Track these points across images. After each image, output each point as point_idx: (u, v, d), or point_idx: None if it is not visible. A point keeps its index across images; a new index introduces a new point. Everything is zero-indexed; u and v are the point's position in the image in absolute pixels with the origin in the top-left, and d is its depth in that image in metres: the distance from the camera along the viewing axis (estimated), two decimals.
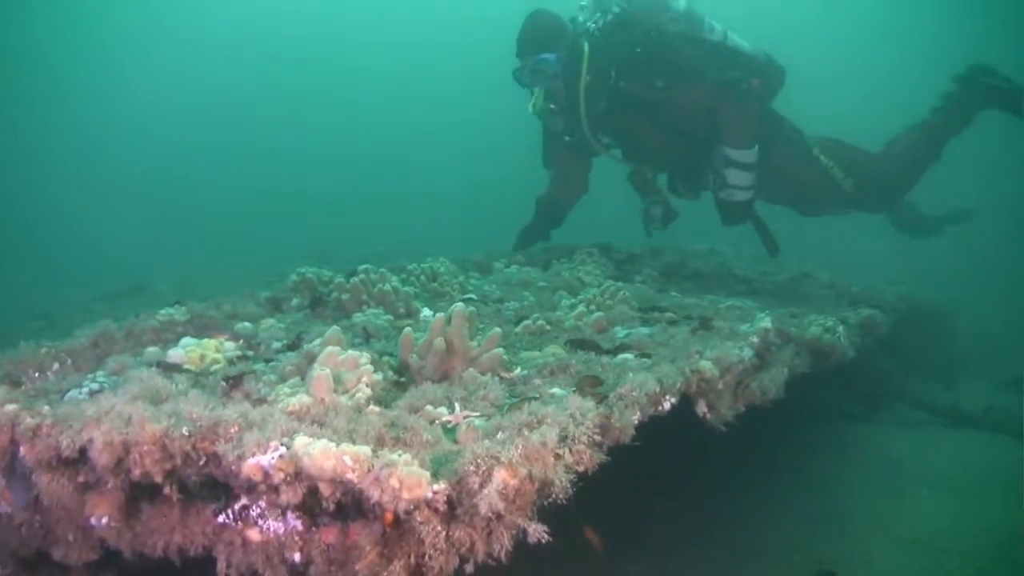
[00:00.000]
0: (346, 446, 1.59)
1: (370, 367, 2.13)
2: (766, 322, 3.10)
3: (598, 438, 1.83)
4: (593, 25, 5.22)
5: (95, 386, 2.39)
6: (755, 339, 2.89)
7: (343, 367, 2.13)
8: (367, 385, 2.07)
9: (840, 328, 3.69)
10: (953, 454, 4.80)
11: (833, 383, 4.94)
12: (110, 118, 26.89)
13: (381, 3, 31.61)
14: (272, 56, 30.33)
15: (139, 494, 1.85)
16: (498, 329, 2.51)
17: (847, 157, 5.53)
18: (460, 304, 2.45)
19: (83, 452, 1.78)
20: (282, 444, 1.64)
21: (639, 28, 5.11)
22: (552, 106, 5.36)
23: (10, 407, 1.92)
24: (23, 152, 22.88)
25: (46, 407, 1.96)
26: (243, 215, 18.87)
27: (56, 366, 2.70)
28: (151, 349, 2.78)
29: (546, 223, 6.04)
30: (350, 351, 2.18)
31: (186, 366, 2.61)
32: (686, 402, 2.47)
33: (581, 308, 3.38)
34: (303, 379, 2.18)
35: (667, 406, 2.24)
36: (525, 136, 6.11)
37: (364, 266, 3.51)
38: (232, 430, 1.74)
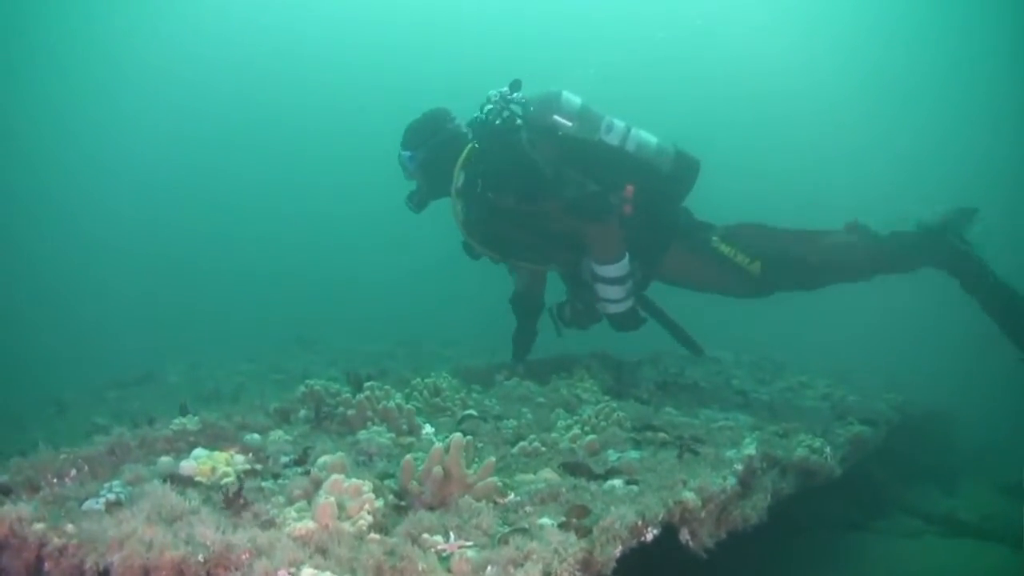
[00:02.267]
0: None
1: (372, 495, 2.29)
2: (751, 449, 3.23)
3: (579, 574, 1.97)
4: (479, 127, 5.14)
5: (111, 496, 2.52)
6: (739, 467, 3.02)
7: (347, 494, 2.28)
8: (368, 512, 2.22)
9: (827, 449, 3.82)
10: (945, 565, 4.80)
11: (827, 491, 5.02)
12: (123, 201, 27.47)
13: (389, 106, 32.44)
14: (272, 141, 31.12)
15: None
16: (492, 458, 2.67)
17: (755, 241, 5.24)
18: (458, 434, 2.62)
19: (105, 572, 1.92)
20: (289, 573, 1.79)
21: (506, 137, 5.02)
22: (410, 204, 5.43)
23: (38, 526, 2.07)
24: (31, 235, 23.41)
25: (70, 526, 2.11)
26: (242, 298, 19.25)
27: (74, 472, 2.82)
28: (164, 459, 2.92)
29: (528, 320, 5.92)
30: (353, 479, 2.33)
31: (197, 478, 2.75)
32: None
33: (576, 430, 3.52)
34: (309, 503, 2.33)
35: (650, 537, 2.37)
36: None
37: (369, 383, 3.68)
38: (243, 556, 1.89)
